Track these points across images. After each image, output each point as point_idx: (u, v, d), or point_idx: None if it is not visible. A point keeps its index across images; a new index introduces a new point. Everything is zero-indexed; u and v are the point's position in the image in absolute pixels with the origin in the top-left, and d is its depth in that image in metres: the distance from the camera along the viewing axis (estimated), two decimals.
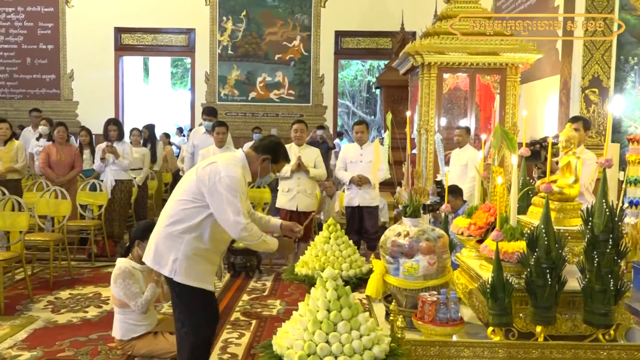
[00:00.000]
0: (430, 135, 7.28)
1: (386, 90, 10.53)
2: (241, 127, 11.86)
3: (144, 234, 3.62)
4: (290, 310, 4.76)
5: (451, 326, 2.75)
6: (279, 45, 12.17)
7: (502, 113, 7.40)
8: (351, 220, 5.96)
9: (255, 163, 3.12)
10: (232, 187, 2.93)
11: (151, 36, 12.36)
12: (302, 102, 12.20)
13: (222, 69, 12.24)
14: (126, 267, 3.56)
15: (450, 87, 8.11)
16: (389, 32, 11.46)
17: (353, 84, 20.66)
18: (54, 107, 12.03)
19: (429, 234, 3.11)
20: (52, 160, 6.88)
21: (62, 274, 5.89)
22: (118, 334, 3.57)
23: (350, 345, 2.45)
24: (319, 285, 2.64)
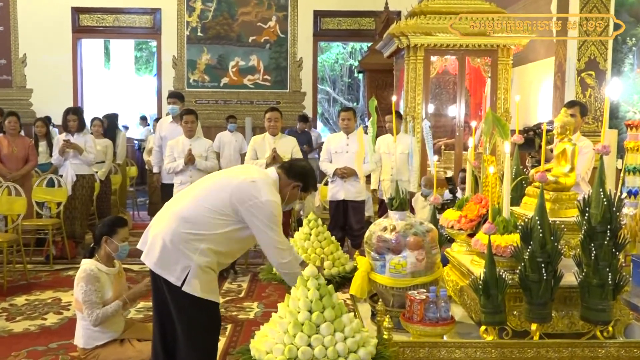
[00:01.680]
0: (417, 123, 7.32)
1: (369, 74, 10.56)
2: (213, 116, 11.80)
3: (111, 229, 3.60)
4: (269, 313, 4.75)
5: (441, 326, 2.79)
6: (252, 26, 12.10)
7: (494, 98, 7.49)
8: (335, 215, 5.97)
9: (286, 188, 3.16)
10: (275, 215, 3.00)
11: (112, 17, 12.21)
12: (278, 89, 12.16)
13: (191, 53, 12.14)
14: (92, 269, 3.52)
15: (438, 70, 8.17)
16: (372, 12, 11.47)
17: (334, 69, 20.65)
18: (5, 95, 11.83)
19: (417, 228, 3.14)
20: (3, 153, 6.76)
21: (18, 279, 5.81)
22: (81, 342, 3.53)
23: (334, 348, 2.47)
24: (300, 285, 2.65)
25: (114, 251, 3.61)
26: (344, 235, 5.98)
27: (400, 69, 8.04)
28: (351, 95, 20.75)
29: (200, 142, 6.14)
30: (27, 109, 11.66)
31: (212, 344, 3.10)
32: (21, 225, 5.87)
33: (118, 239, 3.61)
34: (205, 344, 3.04)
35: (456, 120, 7.71)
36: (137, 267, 6.25)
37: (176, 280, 2.89)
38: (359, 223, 5.99)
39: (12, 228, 5.84)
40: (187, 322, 2.97)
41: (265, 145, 5.92)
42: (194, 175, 6.01)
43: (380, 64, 9.60)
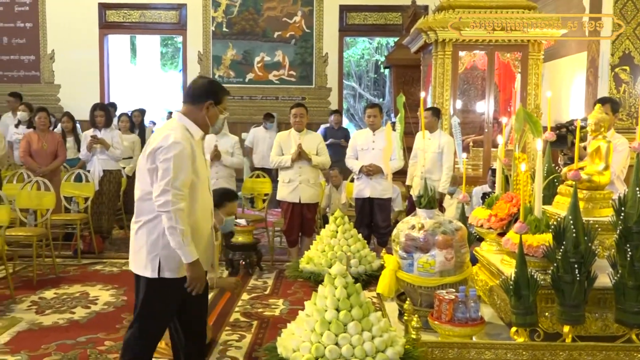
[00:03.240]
0: (445, 119, 7.27)
1: (396, 70, 10.49)
2: (238, 112, 11.84)
3: (220, 201, 3.65)
4: (294, 310, 4.80)
5: (471, 326, 2.77)
6: (278, 21, 12.10)
7: (524, 94, 7.39)
8: (361, 213, 5.95)
9: (200, 115, 3.01)
10: (176, 156, 2.86)
11: (139, 12, 12.32)
12: (304, 84, 12.16)
13: (216, 48, 12.19)
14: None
15: (467, 66, 8.08)
16: (399, 7, 11.39)
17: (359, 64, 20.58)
18: (33, 91, 12.01)
19: (446, 227, 3.12)
20: (33, 149, 6.88)
21: (47, 272, 5.91)
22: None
23: (361, 347, 2.47)
24: (327, 283, 2.65)
25: (219, 223, 3.66)
26: (370, 233, 5.96)
27: (428, 64, 7.98)
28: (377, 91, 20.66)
29: (226, 138, 6.17)
30: (54, 104, 11.83)
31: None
32: (50, 219, 5.96)
33: (224, 212, 3.66)
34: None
35: (485, 116, 7.63)
36: None
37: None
38: (385, 221, 5.96)
39: (41, 222, 5.94)
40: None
41: (291, 141, 5.92)
42: (220, 171, 6.06)
43: (407, 60, 9.54)
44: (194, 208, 2.95)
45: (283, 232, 6.18)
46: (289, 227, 5.96)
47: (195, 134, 2.99)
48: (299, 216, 5.92)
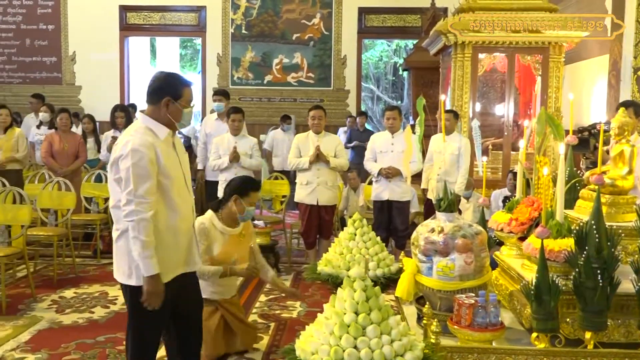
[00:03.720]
0: (464, 122, 7.23)
1: (415, 72, 10.47)
2: (256, 114, 11.88)
3: (244, 190, 3.64)
4: (312, 313, 4.80)
5: (491, 331, 2.74)
6: (297, 23, 12.13)
7: (544, 97, 7.32)
8: (379, 215, 5.93)
9: (161, 113, 2.90)
10: (135, 164, 2.78)
11: (159, 14, 12.42)
12: (322, 86, 12.17)
13: (235, 50, 12.25)
14: (203, 223, 3.60)
15: (486, 68, 8.03)
16: (418, 9, 11.34)
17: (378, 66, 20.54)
18: (55, 92, 12.15)
19: (466, 230, 3.10)
20: (54, 149, 6.96)
21: (67, 272, 5.97)
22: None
23: (380, 351, 2.45)
24: (346, 286, 2.64)
25: (240, 212, 3.67)
26: (388, 236, 5.94)
27: (447, 66, 7.94)
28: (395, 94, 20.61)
29: (245, 140, 6.19)
30: (75, 105, 11.95)
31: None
32: (70, 219, 6.02)
33: (247, 202, 3.66)
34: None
35: (504, 119, 7.57)
36: None
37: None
38: (404, 224, 5.94)
39: (62, 222, 6.00)
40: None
41: (309, 143, 5.92)
42: (239, 173, 6.05)
43: (426, 62, 9.51)
44: (170, 209, 2.88)
45: (301, 234, 6.18)
46: (306, 229, 5.97)
47: (161, 133, 2.89)
48: (316, 218, 5.92)
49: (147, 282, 2.78)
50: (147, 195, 2.76)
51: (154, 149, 2.81)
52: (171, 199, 2.88)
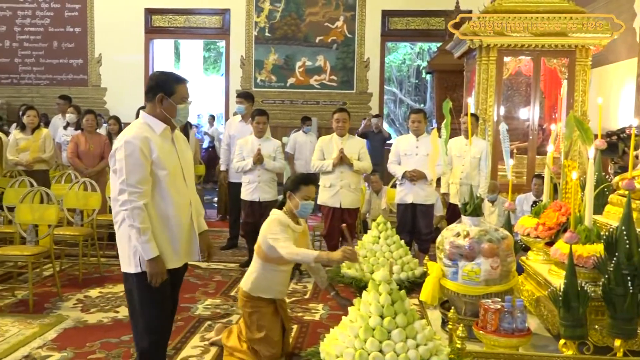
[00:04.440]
0: (489, 125, 7.17)
1: (439, 75, 10.42)
2: (279, 116, 11.92)
3: (295, 186, 3.73)
4: (334, 316, 4.80)
5: (517, 337, 2.71)
6: (320, 26, 12.15)
7: (570, 100, 7.24)
8: (403, 219, 5.90)
9: (158, 110, 3.08)
10: (128, 155, 2.96)
11: (183, 17, 12.53)
12: (345, 89, 12.17)
13: (258, 53, 12.31)
14: (282, 217, 3.69)
15: (511, 71, 7.97)
16: (442, 12, 11.30)
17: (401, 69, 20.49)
18: (81, 94, 12.33)
19: (492, 235, 3.06)
20: (80, 150, 7.04)
21: (92, 271, 6.03)
22: (248, 287, 3.78)
23: (406, 355, 2.44)
24: (371, 289, 2.63)
25: (294, 207, 3.74)
26: (412, 239, 5.91)
27: (472, 70, 7.89)
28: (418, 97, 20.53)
29: (269, 142, 6.20)
30: (101, 107, 12.12)
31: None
32: (96, 220, 6.08)
33: (300, 196, 3.72)
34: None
35: (529, 123, 7.50)
36: (204, 264, 6.39)
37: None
38: (428, 227, 5.90)
39: (87, 222, 6.06)
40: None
41: (333, 146, 5.92)
42: (262, 175, 6.09)
43: (450, 65, 9.46)
44: (164, 200, 3.03)
45: (323, 236, 6.18)
46: (329, 231, 5.95)
47: (157, 128, 3.06)
48: (339, 221, 5.89)
49: (148, 265, 2.97)
50: (139, 184, 2.93)
51: (147, 141, 2.98)
52: (165, 190, 3.03)
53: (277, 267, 3.79)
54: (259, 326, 3.75)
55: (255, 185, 6.10)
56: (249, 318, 3.78)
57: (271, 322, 3.80)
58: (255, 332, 3.75)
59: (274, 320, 3.83)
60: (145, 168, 2.95)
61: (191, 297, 5.24)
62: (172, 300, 3.28)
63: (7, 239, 6.03)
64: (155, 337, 3.13)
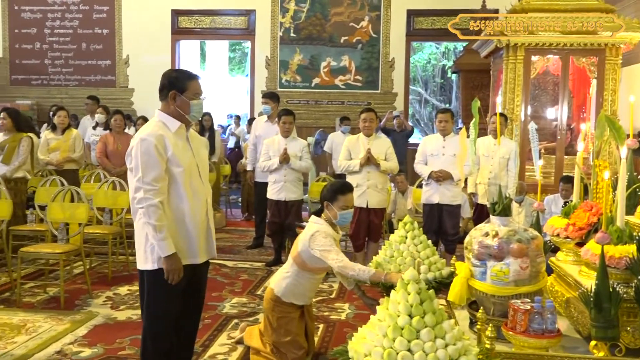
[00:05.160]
0: (516, 125, 7.11)
1: (464, 75, 10.37)
2: (304, 116, 11.94)
3: (333, 195, 3.72)
4: (360, 315, 4.80)
5: (547, 338, 2.68)
6: (345, 26, 12.16)
7: (600, 99, 7.15)
8: (429, 219, 5.87)
9: (172, 108, 3.11)
10: (143, 152, 2.99)
11: (209, 18, 12.64)
12: (370, 89, 12.16)
13: (283, 53, 12.36)
14: (328, 231, 3.66)
15: (539, 71, 7.89)
16: (468, 10, 11.22)
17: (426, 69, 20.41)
18: (109, 95, 12.51)
19: (521, 235, 3.04)
20: (108, 149, 7.15)
21: (120, 269, 6.12)
22: (280, 291, 3.77)
23: (435, 354, 2.43)
24: (400, 288, 2.63)
25: (333, 217, 3.74)
26: (438, 240, 5.88)
27: (498, 69, 7.83)
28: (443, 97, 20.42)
29: (295, 142, 6.23)
30: (128, 107, 12.28)
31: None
32: (125, 218, 6.17)
33: (338, 206, 3.71)
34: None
35: (558, 123, 7.42)
36: (230, 263, 6.45)
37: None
38: (454, 228, 5.87)
39: (116, 221, 6.15)
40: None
41: (360, 146, 5.92)
42: (288, 175, 6.12)
43: (476, 64, 9.41)
44: (180, 197, 3.05)
45: (349, 236, 6.18)
46: (355, 231, 5.96)
47: (172, 126, 3.09)
48: (365, 221, 5.91)
49: (165, 262, 2.99)
50: (154, 182, 2.96)
51: (162, 139, 3.00)
52: (182, 187, 3.05)
53: (312, 275, 3.81)
54: (287, 331, 3.76)
55: (282, 185, 6.13)
56: (276, 322, 3.79)
57: (298, 326, 3.81)
58: (282, 336, 3.76)
59: (300, 324, 3.85)
60: (161, 165, 2.97)
61: (218, 296, 5.29)
62: (196, 297, 3.31)
63: (39, 237, 6.15)
64: (162, 334, 3.17)
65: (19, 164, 6.25)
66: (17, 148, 6.27)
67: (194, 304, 3.35)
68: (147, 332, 3.19)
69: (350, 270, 3.51)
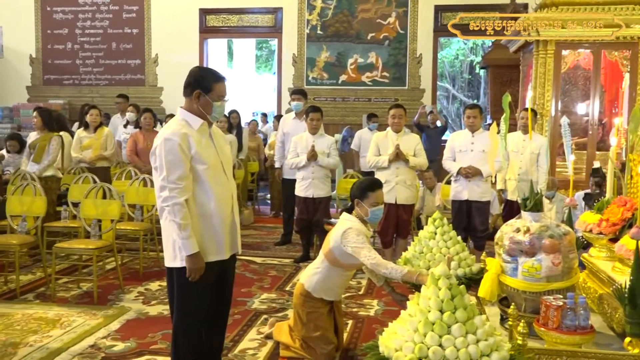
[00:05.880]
0: (546, 120, 7.02)
1: (493, 70, 10.26)
2: (331, 114, 11.95)
3: (363, 193, 3.75)
4: (389, 311, 4.80)
5: (580, 334, 2.66)
6: (372, 23, 12.13)
7: (633, 94, 7.02)
8: (458, 215, 5.83)
9: (195, 107, 3.11)
10: (167, 151, 3.00)
11: (237, 17, 12.71)
12: (397, 85, 12.10)
13: (310, 51, 12.37)
14: (360, 228, 3.70)
15: (570, 65, 7.77)
16: (497, 5, 11.10)
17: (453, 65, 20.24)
18: (139, 93, 12.67)
19: (553, 231, 3.01)
20: (139, 147, 7.26)
21: (151, 265, 6.22)
22: (310, 286, 3.82)
23: (466, 350, 2.42)
24: (431, 284, 2.62)
25: (364, 215, 3.77)
26: (467, 236, 5.83)
27: (528, 64, 7.74)
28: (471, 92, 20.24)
29: (323, 139, 6.25)
30: (157, 105, 12.42)
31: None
32: (155, 215, 6.25)
33: (368, 203, 3.74)
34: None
35: (589, 118, 7.30)
36: (259, 259, 6.50)
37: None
38: (483, 224, 5.82)
39: (147, 218, 6.24)
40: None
41: (388, 142, 5.90)
42: (316, 172, 6.14)
43: (505, 59, 9.32)
44: (206, 194, 3.06)
45: (377, 232, 6.17)
46: (383, 228, 5.95)
47: (194, 124, 3.09)
48: (394, 217, 5.89)
49: (187, 260, 3.01)
50: (179, 180, 2.97)
51: (186, 137, 3.01)
52: (206, 184, 3.06)
53: (343, 271, 3.84)
54: (316, 326, 3.79)
55: (310, 182, 6.15)
56: (306, 317, 3.82)
57: (327, 322, 3.84)
58: (312, 331, 3.79)
59: (330, 319, 3.88)
60: (185, 164, 2.99)
61: (247, 292, 5.34)
62: (224, 292, 3.33)
63: (72, 233, 6.28)
64: (192, 329, 3.19)
65: (49, 163, 6.38)
66: (47, 147, 6.41)
67: (223, 298, 3.37)
68: (178, 327, 3.22)
69: (383, 268, 3.51)
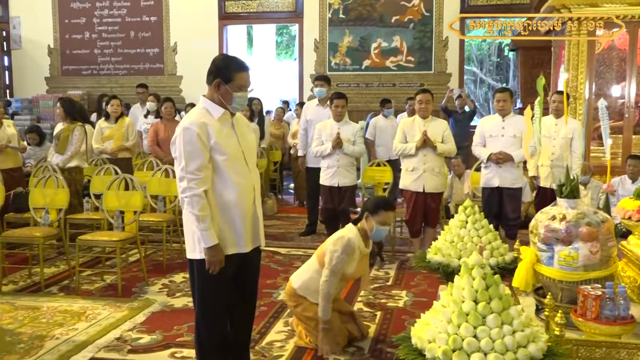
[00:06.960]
0: (579, 104, 6.92)
1: (523, 52, 10.13)
2: (354, 100, 11.89)
3: (374, 209, 3.85)
4: (418, 302, 4.80)
5: (620, 325, 2.64)
6: (396, 5, 12.02)
7: None
8: (489, 203, 5.78)
9: (217, 95, 3.08)
10: (184, 142, 2.99)
11: (256, 2, 12.70)
12: (422, 70, 12.00)
13: (332, 35, 12.31)
14: (353, 240, 3.80)
15: (604, 46, 7.64)
16: None
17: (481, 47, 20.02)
18: (158, 83, 12.75)
19: (591, 218, 2.98)
20: (160, 137, 7.31)
21: (175, 257, 6.28)
22: (297, 284, 3.93)
23: (502, 341, 2.42)
24: (464, 273, 2.62)
25: (369, 230, 3.86)
26: (498, 224, 5.78)
27: (560, 45, 7.62)
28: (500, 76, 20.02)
29: (348, 126, 6.23)
30: (177, 94, 12.48)
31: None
32: (178, 206, 6.30)
33: (377, 220, 3.83)
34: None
35: (625, 100, 7.18)
36: (284, 250, 6.53)
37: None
38: (515, 212, 5.76)
39: (170, 209, 6.30)
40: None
41: (415, 128, 5.86)
42: (341, 160, 6.13)
43: (536, 41, 9.15)
44: (226, 185, 3.05)
45: (405, 222, 6.15)
46: (411, 217, 5.93)
47: (215, 113, 3.07)
48: (422, 206, 5.87)
49: (206, 252, 3.02)
50: (197, 171, 2.97)
51: (205, 127, 3.00)
52: (226, 175, 3.05)
53: None
54: (307, 317, 3.89)
55: (335, 170, 6.15)
56: (300, 314, 3.94)
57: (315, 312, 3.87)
58: (310, 322, 3.87)
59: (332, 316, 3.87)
60: (204, 154, 2.97)
61: (272, 283, 5.37)
62: (245, 286, 3.33)
63: (95, 225, 6.36)
64: (214, 321, 3.22)
65: (72, 154, 6.46)
66: (70, 137, 6.48)
67: (247, 291, 3.37)
68: (200, 319, 3.25)
69: (323, 300, 3.73)
